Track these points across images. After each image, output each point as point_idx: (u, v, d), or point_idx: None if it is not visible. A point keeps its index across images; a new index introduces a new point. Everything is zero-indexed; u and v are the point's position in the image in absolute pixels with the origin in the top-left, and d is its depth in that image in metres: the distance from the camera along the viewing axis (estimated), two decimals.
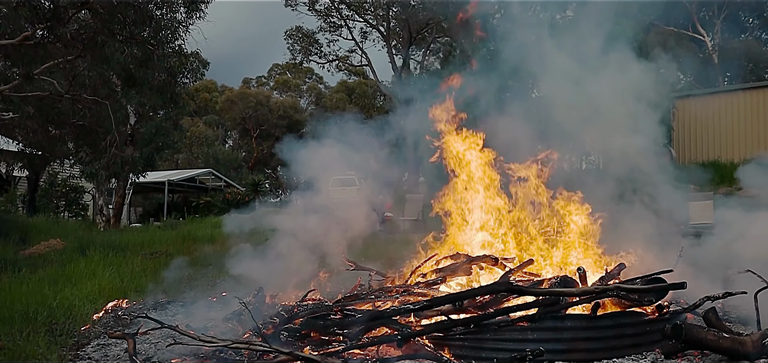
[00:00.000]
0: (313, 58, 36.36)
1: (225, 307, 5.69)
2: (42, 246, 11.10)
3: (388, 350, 4.45)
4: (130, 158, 16.98)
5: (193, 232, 14.30)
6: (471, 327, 4.43)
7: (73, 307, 6.18)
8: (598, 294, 4.51)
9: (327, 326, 4.80)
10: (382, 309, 4.92)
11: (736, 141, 19.10)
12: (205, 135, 46.46)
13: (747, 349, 4.04)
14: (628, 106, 6.93)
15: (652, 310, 4.69)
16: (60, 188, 23.33)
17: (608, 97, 6.97)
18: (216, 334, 5.08)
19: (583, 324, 4.48)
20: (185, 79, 20.50)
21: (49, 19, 10.49)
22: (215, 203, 30.00)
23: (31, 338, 5.12)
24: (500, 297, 4.68)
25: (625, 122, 6.99)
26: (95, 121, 13.13)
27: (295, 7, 32.60)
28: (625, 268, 5.28)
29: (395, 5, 31.09)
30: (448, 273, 5.57)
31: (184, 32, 14.40)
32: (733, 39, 32.38)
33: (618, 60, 7.10)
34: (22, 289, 6.87)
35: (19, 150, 18.61)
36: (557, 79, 7.21)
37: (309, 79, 54.01)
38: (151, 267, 9.14)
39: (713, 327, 4.43)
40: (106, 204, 20.35)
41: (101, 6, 10.82)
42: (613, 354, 4.33)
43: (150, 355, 4.86)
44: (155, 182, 29.61)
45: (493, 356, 4.26)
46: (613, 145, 7.10)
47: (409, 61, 33.19)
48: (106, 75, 12.54)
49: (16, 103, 12.13)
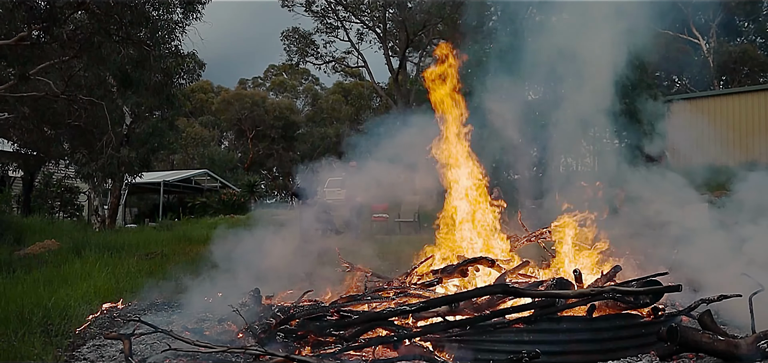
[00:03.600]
0: (309, 59, 36.41)
1: (222, 306, 5.68)
2: (37, 246, 11.06)
3: (384, 352, 4.46)
4: (125, 159, 16.94)
5: (188, 232, 14.28)
6: (467, 328, 4.43)
7: (69, 308, 6.15)
8: (593, 296, 4.52)
9: (323, 327, 4.80)
10: (378, 310, 4.92)
11: (731, 145, 19.15)
12: (201, 136, 46.41)
13: (741, 352, 4.05)
14: (622, 109, 6.95)
15: (648, 313, 4.71)
16: (55, 189, 23.25)
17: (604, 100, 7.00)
18: (211, 334, 5.09)
19: (579, 326, 4.49)
20: (181, 79, 20.50)
21: (46, 19, 10.48)
22: (211, 204, 29.97)
23: (27, 339, 5.11)
24: (496, 298, 4.69)
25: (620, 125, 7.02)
26: (91, 121, 13.14)
27: (291, 8, 32.62)
28: (621, 271, 5.30)
29: (392, 7, 31.11)
30: (445, 274, 5.58)
31: (180, 33, 14.41)
32: (728, 42, 32.52)
33: (615, 61, 7.12)
34: (17, 290, 6.85)
35: (15, 150, 18.58)
36: (550, 81, 7.24)
37: (305, 81, 54.04)
38: (146, 268, 9.12)
39: (708, 329, 4.44)
40: (102, 204, 20.32)
41: (97, 7, 10.81)
42: (609, 356, 4.34)
43: (146, 355, 4.84)
44: (151, 183, 29.57)
45: (489, 358, 4.26)
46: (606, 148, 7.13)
47: (406, 62, 33.22)
48: (102, 75, 12.53)
49: (12, 104, 12.11)
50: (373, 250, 8.96)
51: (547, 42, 7.42)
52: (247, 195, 31.88)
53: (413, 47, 33.13)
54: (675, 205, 7.07)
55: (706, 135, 19.64)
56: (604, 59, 7.03)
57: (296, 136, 48.02)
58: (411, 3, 30.90)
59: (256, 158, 48.64)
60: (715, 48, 31.43)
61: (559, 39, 7.28)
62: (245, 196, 31.60)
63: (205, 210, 28.84)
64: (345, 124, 44.56)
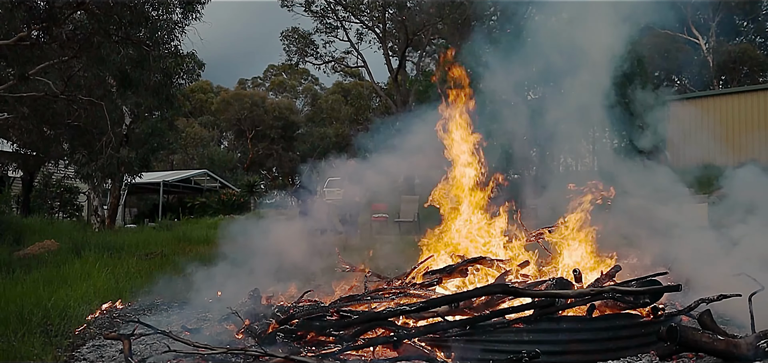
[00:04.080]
0: (308, 59, 36.32)
1: (221, 307, 5.69)
2: (36, 247, 11.05)
3: (384, 352, 4.46)
4: (125, 159, 16.94)
5: (188, 233, 14.28)
6: (467, 328, 4.44)
7: (68, 308, 6.15)
8: (593, 296, 4.52)
9: (323, 327, 4.80)
10: (378, 310, 4.93)
11: (730, 144, 19.16)
12: (201, 136, 46.41)
13: (741, 352, 4.06)
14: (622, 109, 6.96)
15: (647, 312, 4.71)
16: (54, 189, 23.25)
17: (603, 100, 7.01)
18: (211, 334, 5.09)
19: (579, 326, 4.49)
20: (181, 80, 20.51)
21: (45, 19, 10.48)
22: (210, 204, 29.97)
23: (26, 339, 5.10)
24: (496, 298, 4.69)
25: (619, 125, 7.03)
26: (90, 121, 13.12)
27: (291, 8, 32.59)
28: (621, 270, 5.30)
29: (391, 7, 31.10)
30: (444, 274, 5.58)
31: (179, 33, 14.37)
32: (727, 42, 32.54)
33: (613, 62, 7.13)
34: (16, 290, 6.84)
35: (14, 150, 18.57)
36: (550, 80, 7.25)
37: (305, 81, 54.04)
38: (146, 268, 9.12)
39: (708, 329, 4.44)
40: (101, 205, 20.30)
41: (97, 7, 10.80)
42: (609, 356, 4.34)
43: (145, 356, 4.84)
44: (150, 183, 29.57)
45: (489, 358, 4.26)
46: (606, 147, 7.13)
47: (405, 62, 33.21)
48: (102, 76, 12.52)
49: (11, 104, 12.10)
50: (373, 249, 8.96)
51: (547, 41, 7.43)
52: (246, 195, 31.88)
53: (413, 47, 33.12)
54: (668, 204, 7.08)
55: (706, 134, 19.65)
56: (604, 59, 7.05)
57: (296, 136, 48.03)
58: (410, 3, 30.89)
59: (256, 158, 48.63)
60: (714, 47, 31.44)
61: (558, 38, 7.29)
62: (245, 196, 31.60)
63: (204, 210, 28.84)
64: (345, 124, 44.58)
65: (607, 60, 7.13)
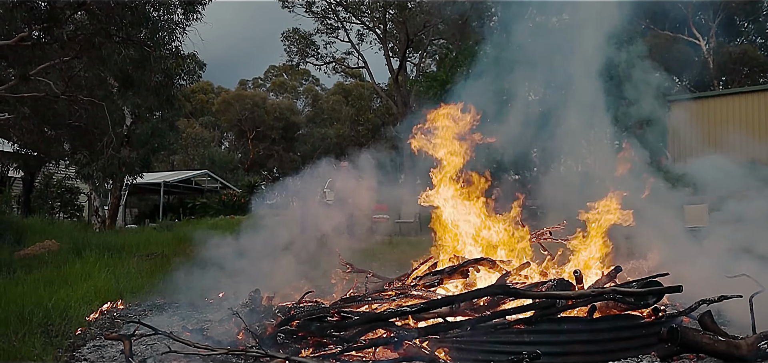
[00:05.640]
0: (309, 60, 36.39)
1: (221, 307, 5.69)
2: (37, 247, 11.05)
3: (385, 352, 4.45)
4: (126, 159, 16.95)
5: (188, 233, 14.27)
6: (468, 329, 4.43)
7: (69, 309, 6.16)
8: (594, 297, 4.52)
9: (324, 328, 4.79)
10: (379, 311, 4.92)
11: (731, 145, 19.13)
12: (202, 136, 46.40)
13: (742, 353, 4.06)
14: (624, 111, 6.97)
15: (648, 314, 4.70)
16: (55, 189, 23.23)
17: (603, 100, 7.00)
18: (213, 335, 5.08)
19: (580, 327, 4.49)
20: (182, 80, 20.54)
21: (46, 20, 10.49)
22: (211, 205, 29.96)
23: (27, 339, 5.11)
24: (497, 299, 4.68)
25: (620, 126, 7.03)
26: (91, 122, 13.14)
27: (292, 8, 32.62)
28: (622, 271, 5.30)
29: (392, 7, 31.12)
30: (445, 275, 5.58)
31: (180, 34, 14.41)
32: (728, 43, 32.51)
33: (613, 63, 7.13)
34: (17, 290, 6.85)
35: (15, 151, 18.58)
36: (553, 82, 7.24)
37: (305, 81, 54.01)
38: (146, 268, 9.12)
39: (709, 330, 4.44)
40: (102, 205, 20.30)
41: (98, 7, 10.82)
42: (609, 357, 4.34)
43: (146, 356, 4.84)
44: (151, 183, 29.55)
45: (490, 359, 4.26)
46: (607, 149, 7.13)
47: (406, 63, 33.24)
48: (103, 76, 12.54)
49: (12, 104, 12.10)
50: (373, 250, 8.96)
51: (547, 41, 7.43)
52: (247, 196, 31.86)
53: (413, 48, 33.14)
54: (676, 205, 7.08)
55: (706, 135, 19.64)
56: (605, 59, 7.05)
57: (296, 137, 48.02)
58: (411, 3, 30.90)
59: (257, 159, 48.62)
60: (715, 48, 31.41)
61: (557, 38, 7.30)
62: (245, 196, 31.59)
63: (205, 211, 28.83)
64: (346, 124, 44.54)
65: (607, 60, 7.14)
